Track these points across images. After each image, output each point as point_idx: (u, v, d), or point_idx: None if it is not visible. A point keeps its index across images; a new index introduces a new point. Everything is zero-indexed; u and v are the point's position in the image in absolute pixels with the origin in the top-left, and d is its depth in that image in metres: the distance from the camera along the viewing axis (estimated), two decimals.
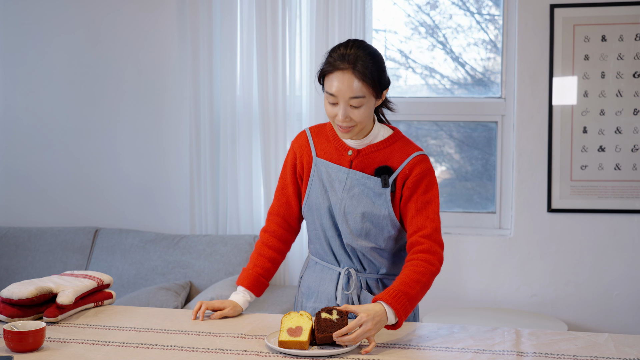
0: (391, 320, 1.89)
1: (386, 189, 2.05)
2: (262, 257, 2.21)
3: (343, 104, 1.96)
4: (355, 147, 2.09)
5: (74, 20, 4.03)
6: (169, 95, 3.95)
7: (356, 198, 2.07)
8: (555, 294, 3.64)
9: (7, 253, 3.87)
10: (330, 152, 2.12)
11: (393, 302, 1.88)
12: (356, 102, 1.96)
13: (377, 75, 1.97)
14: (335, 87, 1.95)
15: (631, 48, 3.54)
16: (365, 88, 1.95)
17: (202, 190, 3.82)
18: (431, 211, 2.04)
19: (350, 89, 1.94)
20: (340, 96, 1.96)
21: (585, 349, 1.87)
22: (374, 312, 1.85)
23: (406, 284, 1.93)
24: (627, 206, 3.58)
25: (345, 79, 1.94)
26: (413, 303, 1.93)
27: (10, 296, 2.05)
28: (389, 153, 2.08)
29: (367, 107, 1.98)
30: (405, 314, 1.91)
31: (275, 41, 3.68)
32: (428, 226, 2.02)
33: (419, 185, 2.04)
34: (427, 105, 3.82)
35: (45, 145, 4.11)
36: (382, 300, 1.89)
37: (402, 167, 2.06)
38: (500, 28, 3.79)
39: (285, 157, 2.22)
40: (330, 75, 1.97)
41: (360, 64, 1.94)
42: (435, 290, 3.70)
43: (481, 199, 3.85)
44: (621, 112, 3.57)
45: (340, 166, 2.09)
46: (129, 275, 3.70)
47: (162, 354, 1.82)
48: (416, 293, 1.93)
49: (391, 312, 1.88)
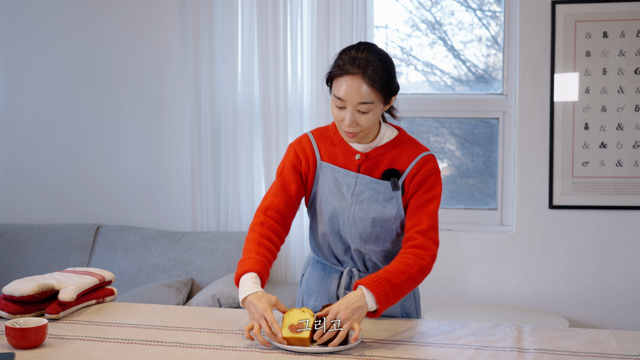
0: (371, 306, 1.85)
1: (397, 192, 2.03)
2: (263, 247, 2.00)
3: (351, 109, 1.93)
4: (362, 150, 2.06)
5: (76, 18, 4.02)
6: (171, 92, 3.95)
7: (366, 203, 2.04)
8: (557, 291, 3.64)
9: (9, 250, 3.88)
10: (337, 156, 2.08)
11: (373, 287, 1.85)
12: (364, 107, 1.92)
13: (386, 81, 1.93)
14: (343, 92, 1.91)
15: (632, 44, 3.53)
16: (374, 94, 1.91)
17: (203, 187, 3.82)
18: (430, 209, 2.02)
19: (359, 95, 1.90)
20: (348, 101, 1.92)
21: (587, 346, 1.87)
22: (348, 300, 1.83)
23: (391, 273, 1.90)
24: (629, 202, 3.57)
25: (354, 84, 1.90)
26: (397, 292, 1.88)
27: (12, 293, 2.05)
28: (396, 154, 2.06)
29: (375, 113, 1.95)
30: (386, 301, 1.86)
31: (276, 38, 3.67)
32: (425, 223, 2.00)
33: (423, 184, 2.03)
34: (429, 102, 3.81)
35: (47, 142, 4.11)
36: (363, 285, 1.87)
37: (410, 168, 2.04)
38: (501, 24, 3.78)
39: (284, 158, 2.13)
40: (339, 79, 1.93)
41: (370, 69, 1.90)
42: (436, 286, 3.71)
43: (482, 196, 3.84)
44: (623, 109, 3.56)
45: (349, 171, 2.06)
46: (131, 272, 3.70)
47: (163, 351, 1.82)
48: (401, 282, 1.89)
49: (371, 298, 1.85)
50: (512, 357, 1.79)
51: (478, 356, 1.80)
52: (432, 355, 1.80)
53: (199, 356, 1.79)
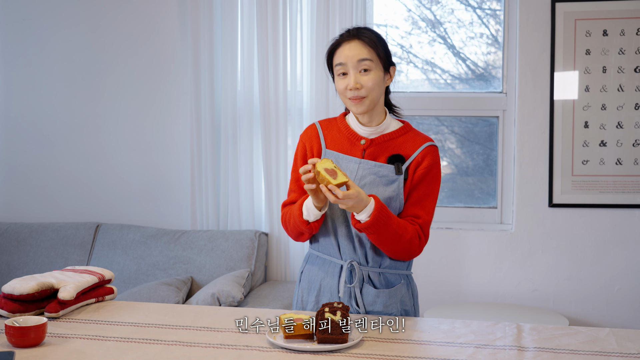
0: (361, 216, 1.97)
1: (400, 177, 2.09)
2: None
3: (352, 70, 2.06)
4: (367, 136, 2.14)
5: (75, 17, 4.02)
6: (170, 90, 3.95)
7: (367, 188, 2.09)
8: (557, 289, 3.64)
9: (9, 248, 3.88)
10: (342, 143, 2.16)
11: (380, 208, 1.97)
12: (365, 64, 2.05)
13: (382, 46, 2.09)
14: (343, 55, 2.06)
15: (632, 43, 3.53)
16: (372, 53, 2.06)
17: (203, 185, 3.82)
18: (428, 204, 2.11)
19: (357, 53, 2.05)
20: (348, 62, 2.06)
21: (587, 344, 1.87)
22: (361, 196, 1.94)
23: (396, 219, 2.02)
24: (629, 201, 3.57)
25: (352, 46, 2.07)
26: (385, 229, 1.98)
27: (12, 291, 2.05)
28: (401, 142, 2.13)
29: (376, 73, 2.07)
30: (372, 226, 1.96)
31: (276, 36, 3.67)
32: (422, 217, 2.10)
33: (425, 177, 2.10)
34: (429, 100, 3.81)
35: (46, 141, 4.11)
36: (375, 200, 1.98)
37: (416, 155, 2.11)
38: (501, 22, 3.78)
39: (296, 150, 2.24)
40: (338, 50, 2.09)
41: (365, 34, 2.08)
42: (436, 285, 3.71)
43: (482, 194, 3.84)
44: (622, 107, 3.56)
45: (351, 156, 2.13)
46: (130, 271, 3.70)
47: (163, 349, 1.82)
48: (393, 229, 2.00)
49: (369, 212, 1.96)
50: (512, 356, 1.79)
51: (478, 354, 1.80)
52: (432, 354, 1.80)
53: (199, 355, 1.79)
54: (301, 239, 2.20)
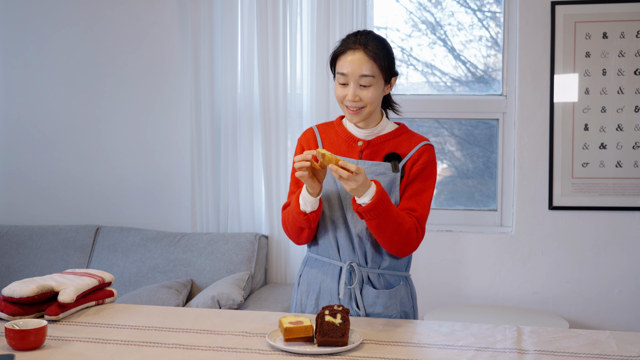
0: (364, 199, 1.95)
1: (396, 174, 2.10)
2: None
3: (353, 83, 2.05)
4: (364, 138, 2.16)
5: (75, 18, 4.02)
6: (170, 93, 3.95)
7: None
8: (557, 292, 3.64)
9: (9, 251, 3.87)
10: (339, 145, 2.17)
11: (381, 192, 1.95)
12: (366, 81, 2.04)
13: (386, 59, 2.06)
14: (346, 66, 2.05)
15: (632, 45, 3.53)
16: (375, 69, 2.04)
17: (203, 188, 3.82)
18: (424, 199, 2.12)
19: (360, 67, 2.03)
20: (350, 74, 2.04)
21: (587, 347, 1.87)
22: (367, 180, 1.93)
23: (395, 207, 2.01)
24: (629, 203, 3.57)
25: (356, 58, 2.04)
26: (385, 215, 1.96)
27: (12, 294, 2.05)
28: (397, 142, 2.15)
29: (376, 88, 2.06)
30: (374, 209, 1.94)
31: (276, 38, 3.67)
32: (418, 210, 2.10)
33: (421, 173, 2.12)
34: (429, 103, 3.81)
35: (46, 143, 4.11)
36: (377, 184, 1.96)
37: (412, 153, 2.13)
38: (501, 25, 3.78)
39: (294, 154, 2.25)
40: (342, 57, 2.07)
41: (371, 45, 2.04)
42: (436, 287, 3.71)
43: (482, 197, 3.84)
44: (622, 110, 3.56)
45: (348, 158, 2.14)
46: (130, 274, 3.70)
47: (163, 352, 1.82)
48: (393, 216, 1.98)
49: (371, 195, 1.95)
50: (512, 359, 1.79)
51: (478, 357, 1.80)
52: (431, 357, 1.80)
53: (199, 358, 1.79)
54: (301, 240, 2.18)
